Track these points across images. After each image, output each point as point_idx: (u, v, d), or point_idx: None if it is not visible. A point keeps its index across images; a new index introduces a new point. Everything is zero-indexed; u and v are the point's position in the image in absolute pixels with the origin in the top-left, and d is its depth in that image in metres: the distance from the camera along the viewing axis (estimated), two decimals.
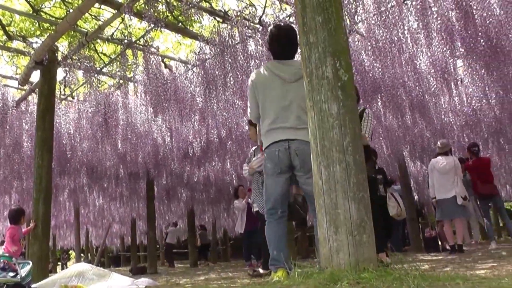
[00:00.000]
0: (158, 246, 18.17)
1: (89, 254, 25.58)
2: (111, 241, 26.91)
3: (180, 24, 6.84)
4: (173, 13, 6.57)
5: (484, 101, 8.49)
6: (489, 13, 6.15)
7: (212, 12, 6.59)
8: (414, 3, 5.92)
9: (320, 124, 2.88)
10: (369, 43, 6.46)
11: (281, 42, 3.94)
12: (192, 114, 8.28)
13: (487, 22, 6.18)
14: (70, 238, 25.05)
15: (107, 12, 7.37)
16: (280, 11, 6.40)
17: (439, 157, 8.22)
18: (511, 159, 13.94)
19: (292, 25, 4.70)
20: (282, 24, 4.61)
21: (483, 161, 9.23)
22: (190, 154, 9.93)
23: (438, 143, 8.52)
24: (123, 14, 6.24)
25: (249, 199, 8.88)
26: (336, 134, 2.82)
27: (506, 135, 11.26)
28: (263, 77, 3.90)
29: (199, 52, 7.15)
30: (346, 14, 5.79)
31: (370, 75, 7.01)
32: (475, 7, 6.10)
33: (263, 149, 4.00)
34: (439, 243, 10.53)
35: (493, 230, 11.21)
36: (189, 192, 15.36)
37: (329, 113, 2.85)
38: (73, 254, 32.34)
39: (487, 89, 7.99)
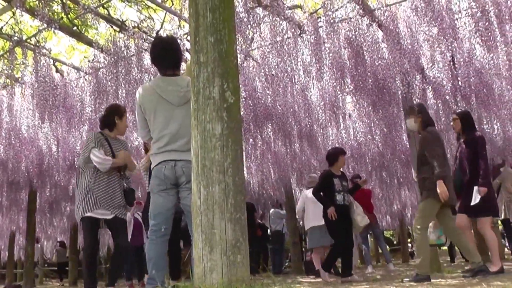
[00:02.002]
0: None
1: None
2: None
3: (75, 28, 6.59)
4: (69, 16, 6.32)
5: (369, 136, 9.07)
6: (379, 56, 6.63)
7: (109, 20, 6.45)
8: (309, 37, 6.22)
9: (202, 144, 2.89)
10: (263, 70, 6.66)
11: (160, 55, 3.91)
12: (81, 123, 7.93)
13: (376, 64, 6.65)
14: None
15: None
16: (178, 28, 6.40)
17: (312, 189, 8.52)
18: (392, 192, 14.90)
19: (174, 36, 4.69)
20: (162, 36, 4.60)
21: (364, 192, 9.76)
22: (77, 166, 9.47)
23: (308, 177, 8.87)
24: (14, 8, 5.89)
25: (138, 213, 8.65)
26: (217, 155, 2.84)
27: (388, 169, 12.06)
28: (150, 100, 3.83)
29: (93, 59, 6.93)
30: (243, 39, 5.93)
31: (262, 101, 7.23)
32: (365, 49, 6.56)
33: (151, 168, 3.93)
34: None
35: (371, 256, 11.87)
36: (74, 206, 14.58)
37: (213, 133, 2.87)
38: None
39: (372, 125, 8.54)
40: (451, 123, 6.04)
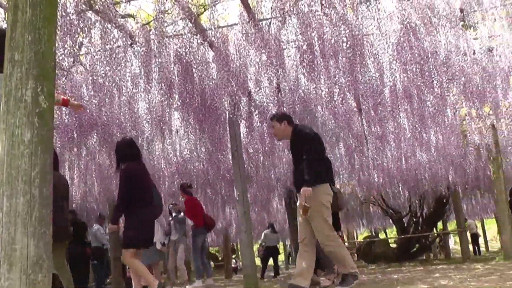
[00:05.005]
0: None
1: None
2: None
3: None
4: None
5: (195, 153, 9.18)
6: (208, 75, 6.77)
7: None
8: (140, 48, 6.10)
9: (9, 151, 2.62)
10: (91, 77, 6.36)
11: None
12: None
13: (205, 82, 6.78)
14: None
15: None
16: (4, 20, 5.77)
17: None
18: (216, 209, 15.19)
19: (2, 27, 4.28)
20: None
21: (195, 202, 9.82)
22: None
23: None
24: None
25: None
26: (25, 163, 2.59)
27: (213, 186, 12.28)
28: None
29: None
30: (72, 42, 5.58)
31: (88, 109, 6.84)
32: (195, 67, 6.65)
33: None
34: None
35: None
36: None
37: (21, 139, 2.62)
38: None
39: (198, 142, 8.67)
40: None
